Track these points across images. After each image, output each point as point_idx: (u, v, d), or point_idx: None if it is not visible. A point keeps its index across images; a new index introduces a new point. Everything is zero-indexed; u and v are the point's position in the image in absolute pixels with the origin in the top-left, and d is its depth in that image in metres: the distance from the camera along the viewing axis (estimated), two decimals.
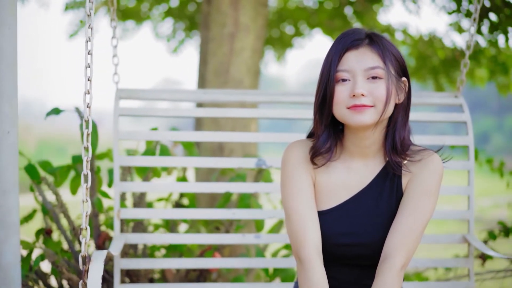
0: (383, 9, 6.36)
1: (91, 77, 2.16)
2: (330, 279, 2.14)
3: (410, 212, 2.07)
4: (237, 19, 4.17)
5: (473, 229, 2.91)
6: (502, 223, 3.91)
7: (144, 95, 2.90)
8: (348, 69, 2.05)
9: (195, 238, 2.87)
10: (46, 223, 3.10)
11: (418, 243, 2.08)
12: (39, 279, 2.88)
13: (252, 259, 2.89)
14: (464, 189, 2.93)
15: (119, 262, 2.73)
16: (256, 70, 4.29)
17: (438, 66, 6.21)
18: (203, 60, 4.38)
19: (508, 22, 4.64)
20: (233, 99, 2.92)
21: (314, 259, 2.03)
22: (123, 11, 6.74)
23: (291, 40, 7.08)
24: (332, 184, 2.16)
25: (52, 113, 2.91)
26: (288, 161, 2.16)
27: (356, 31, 2.10)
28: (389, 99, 2.04)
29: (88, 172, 2.14)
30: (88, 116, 2.16)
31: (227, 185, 2.86)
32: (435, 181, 2.11)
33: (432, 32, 6.18)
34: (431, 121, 2.97)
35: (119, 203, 2.75)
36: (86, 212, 2.12)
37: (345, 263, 2.16)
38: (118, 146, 2.75)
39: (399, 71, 2.11)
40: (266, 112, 2.94)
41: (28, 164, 2.99)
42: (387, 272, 1.99)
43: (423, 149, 2.15)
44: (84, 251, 2.10)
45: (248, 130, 4.24)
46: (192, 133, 2.93)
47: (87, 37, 2.16)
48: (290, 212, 2.11)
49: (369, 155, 2.15)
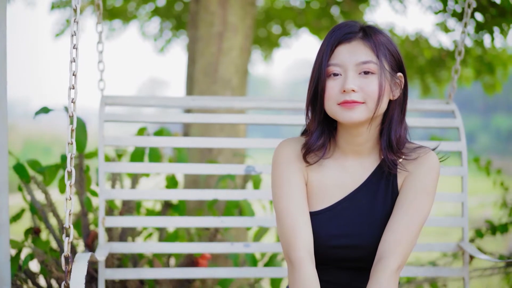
0: (370, 9, 6.37)
1: (76, 71, 2.12)
2: (325, 283, 2.08)
3: (406, 211, 1.99)
4: (225, 18, 4.16)
5: (467, 237, 2.83)
6: (489, 221, 3.93)
7: (130, 101, 2.86)
8: (340, 63, 1.97)
9: (182, 247, 2.80)
10: (34, 222, 3.09)
11: (415, 244, 2.01)
12: (28, 278, 2.87)
13: (242, 269, 2.83)
14: (457, 196, 2.87)
15: (103, 272, 2.67)
16: (244, 69, 4.29)
17: (424, 66, 6.23)
18: (191, 60, 4.37)
19: (494, 22, 4.67)
20: (221, 105, 2.88)
21: (305, 261, 1.95)
22: (109, 10, 6.71)
23: (278, 40, 7.08)
24: (325, 184, 2.08)
25: (41, 112, 2.90)
26: (279, 159, 2.08)
27: (350, 23, 2.02)
28: (381, 96, 1.96)
29: (72, 169, 2.09)
30: (72, 111, 2.10)
31: (215, 192, 2.80)
32: (431, 180, 2.04)
33: (419, 32, 6.20)
34: (423, 127, 2.94)
35: (103, 211, 2.69)
36: (70, 210, 2.07)
37: (340, 266, 2.08)
38: (103, 152, 2.70)
39: (394, 66, 2.02)
40: (254, 117, 2.89)
41: (17, 164, 2.98)
42: (382, 274, 1.91)
43: (419, 147, 2.08)
44: (66, 251, 2.04)
45: (237, 132, 4.23)
46: (180, 139, 2.86)
47: (73, 31, 2.11)
48: (280, 213, 2.03)
49: (363, 153, 2.07)
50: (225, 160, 4.08)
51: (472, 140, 24.88)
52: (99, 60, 2.93)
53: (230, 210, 3.09)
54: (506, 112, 27.58)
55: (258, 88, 40.38)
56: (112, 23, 7.00)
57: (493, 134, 27.17)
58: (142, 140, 2.81)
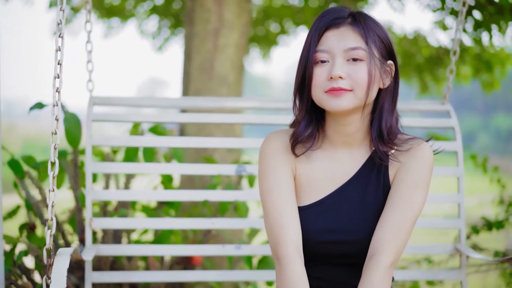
0: (368, 7, 6.37)
1: (61, 60, 2.08)
2: (317, 280, 2.02)
3: (399, 205, 1.91)
4: (221, 15, 4.16)
5: (464, 239, 2.79)
6: (485, 218, 3.92)
7: (118, 102, 2.83)
8: (327, 50, 1.89)
9: (171, 250, 2.77)
10: (30, 218, 3.08)
11: (408, 239, 1.92)
12: (23, 274, 2.86)
13: (234, 272, 2.79)
14: (454, 197, 2.82)
15: (90, 275, 2.63)
16: (240, 66, 4.29)
17: (422, 64, 6.22)
18: (187, 57, 4.37)
19: (492, 19, 4.66)
20: (214, 105, 2.85)
21: (293, 258, 1.87)
22: (107, 8, 6.72)
23: (276, 38, 7.08)
24: (314, 177, 1.99)
25: (36, 108, 2.89)
26: (266, 152, 1.99)
27: (339, 9, 1.93)
28: (371, 84, 1.87)
29: (55, 160, 2.03)
30: (57, 100, 2.06)
31: (206, 193, 2.76)
32: (425, 172, 1.96)
33: (417, 30, 6.20)
34: (419, 126, 2.91)
35: (91, 212, 2.66)
36: (52, 202, 2.01)
37: (332, 262, 2.01)
38: (90, 151, 2.67)
39: (385, 53, 1.94)
40: (248, 117, 2.87)
41: (12, 159, 2.97)
42: (375, 270, 1.83)
43: (412, 138, 1.99)
44: (48, 244, 1.98)
45: (233, 130, 4.22)
46: (173, 138, 2.81)
47: (58, 19, 2.07)
48: (268, 207, 1.95)
49: (354, 144, 1.99)
50: (221, 157, 4.07)
51: (472, 140, 24.88)
52: (88, 60, 2.89)
53: (225, 206, 3.07)
54: (506, 112, 27.58)
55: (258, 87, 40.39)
56: (110, 21, 6.99)
57: (492, 133, 27.17)
58: (132, 140, 2.77)
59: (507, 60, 5.56)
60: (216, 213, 3.22)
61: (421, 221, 2.79)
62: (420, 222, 2.78)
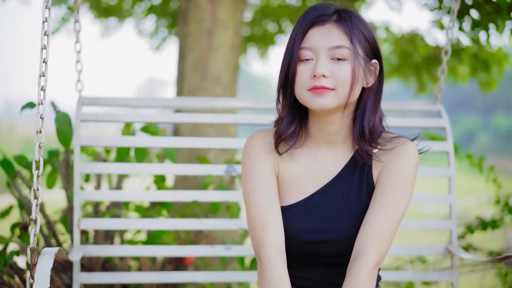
0: (365, 6, 6.37)
1: (46, 58, 2.06)
2: (301, 280, 2.01)
3: (383, 205, 1.88)
4: (215, 14, 4.16)
5: (455, 239, 2.78)
6: (479, 217, 3.92)
7: (107, 102, 2.81)
8: (311, 47, 1.87)
9: (161, 250, 2.75)
10: (22, 218, 3.07)
11: (393, 239, 1.89)
12: (15, 274, 2.85)
13: (224, 273, 2.77)
14: (445, 198, 2.80)
15: (78, 276, 2.62)
16: (235, 65, 4.28)
17: (420, 63, 6.22)
18: (181, 56, 4.37)
19: (489, 19, 4.65)
20: (204, 105, 2.84)
21: (275, 258, 1.85)
22: (105, 8, 6.71)
23: (273, 38, 7.07)
24: (297, 176, 1.98)
25: (27, 107, 2.88)
26: (249, 151, 1.98)
27: (324, 5, 1.91)
28: (354, 83, 1.85)
29: (40, 158, 2.02)
30: (42, 99, 2.05)
31: (195, 194, 2.75)
32: (409, 172, 1.92)
33: (414, 29, 6.20)
34: (410, 127, 2.89)
35: (79, 213, 2.64)
36: (37, 201, 2.00)
37: (316, 263, 1.99)
38: (79, 152, 2.66)
39: (369, 52, 1.92)
40: (241, 117, 2.85)
41: (3, 159, 2.95)
42: (359, 271, 1.81)
43: (396, 136, 1.97)
44: (32, 243, 1.97)
45: (227, 130, 4.22)
46: (166, 138, 2.80)
47: (44, 17, 2.06)
48: (250, 207, 1.93)
49: (337, 143, 1.97)
50: (214, 156, 4.06)
51: (472, 140, 24.88)
52: (76, 60, 2.87)
53: (217, 207, 3.06)
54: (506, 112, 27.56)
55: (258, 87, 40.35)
56: (108, 21, 6.99)
57: (492, 133, 27.14)
58: (121, 140, 2.76)
59: (504, 60, 5.55)
60: (208, 213, 3.21)
61: (413, 222, 2.79)
62: (411, 223, 2.79)
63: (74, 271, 2.59)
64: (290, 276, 1.99)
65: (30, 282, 1.95)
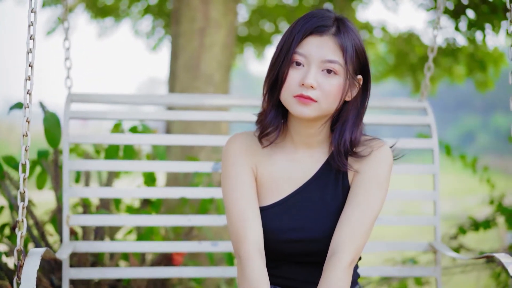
0: (362, 6, 6.37)
1: (32, 62, 2.07)
2: (282, 279, 2.07)
3: (358, 205, 1.95)
4: (207, 14, 4.15)
5: (439, 236, 2.79)
6: (471, 218, 3.93)
7: (96, 99, 2.81)
8: (306, 54, 1.91)
9: (149, 246, 2.75)
10: (13, 218, 3.06)
11: (368, 238, 1.96)
12: (5, 275, 2.84)
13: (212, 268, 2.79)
14: (429, 195, 2.84)
15: (67, 272, 2.62)
16: (227, 65, 4.28)
17: (416, 63, 6.23)
18: (173, 56, 4.37)
19: (486, 19, 4.65)
20: (193, 102, 2.84)
21: (254, 256, 1.91)
22: (101, 8, 6.71)
23: (270, 38, 7.08)
24: (275, 177, 2.04)
25: (16, 108, 2.88)
26: (229, 153, 2.05)
27: (325, 15, 1.93)
28: (338, 98, 1.92)
29: (26, 162, 2.03)
30: (28, 103, 2.05)
31: (182, 190, 2.76)
32: (383, 172, 1.99)
33: (411, 29, 6.20)
34: (395, 124, 2.90)
35: (68, 209, 2.65)
36: (23, 204, 2.01)
37: (296, 261, 2.05)
38: (68, 149, 2.66)
39: (357, 68, 1.96)
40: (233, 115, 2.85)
41: None
42: (334, 269, 1.87)
43: (371, 139, 2.03)
44: (19, 245, 1.98)
45: (218, 129, 4.22)
46: (156, 136, 2.81)
47: (30, 21, 2.06)
48: (229, 207, 1.99)
49: (314, 145, 2.03)
50: (206, 157, 4.05)
51: (471, 140, 24.87)
52: (65, 57, 2.87)
53: (205, 206, 3.06)
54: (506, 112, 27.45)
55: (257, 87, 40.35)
56: (105, 21, 6.98)
57: (492, 133, 27.12)
58: (111, 137, 2.76)
59: (500, 60, 5.56)
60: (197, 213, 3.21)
61: (396, 219, 2.85)
62: (396, 220, 2.85)
63: (63, 267, 2.60)
64: (270, 275, 2.04)
65: (17, 283, 1.96)
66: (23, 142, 2.03)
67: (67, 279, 2.61)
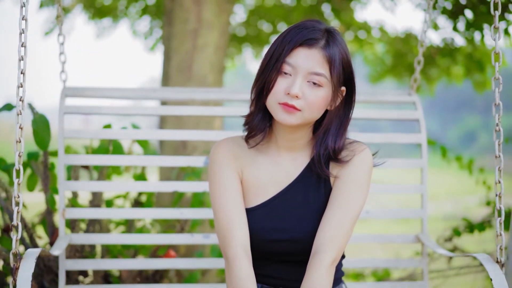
0: (360, 6, 6.36)
1: (24, 69, 2.09)
2: (268, 278, 2.15)
3: (339, 206, 2.04)
4: (200, 15, 4.15)
5: (426, 229, 2.85)
6: (466, 219, 3.93)
7: (91, 93, 2.82)
8: (294, 65, 1.98)
9: (143, 239, 2.79)
10: (4, 220, 3.05)
11: (349, 238, 2.06)
12: None
13: (206, 259, 2.82)
14: (417, 188, 2.88)
15: (64, 263, 2.66)
16: (220, 66, 4.28)
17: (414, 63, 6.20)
18: (166, 57, 4.37)
19: (483, 19, 4.64)
20: (182, 97, 2.86)
21: (241, 257, 2.00)
22: (99, 8, 6.71)
23: (268, 38, 7.07)
24: (260, 180, 2.13)
25: (4, 109, 2.88)
26: (215, 159, 2.13)
27: (316, 27, 2.01)
28: (321, 108, 2.01)
29: (20, 167, 2.08)
30: (20, 109, 2.08)
31: (174, 184, 2.80)
32: (364, 174, 2.08)
33: (408, 29, 6.19)
34: (383, 118, 2.92)
35: (63, 203, 2.67)
36: (18, 208, 2.05)
37: (280, 260, 2.14)
38: (63, 144, 2.68)
39: (342, 80, 2.04)
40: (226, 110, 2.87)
41: None
42: (317, 268, 1.95)
43: (352, 142, 2.13)
44: (14, 248, 2.03)
45: (212, 126, 4.22)
46: (149, 131, 2.85)
47: (21, 29, 2.08)
48: (217, 210, 2.08)
49: (297, 149, 2.12)
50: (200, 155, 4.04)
51: (473, 140, 24.85)
52: (60, 51, 2.90)
53: (198, 201, 3.09)
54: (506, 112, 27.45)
55: None
56: (102, 22, 6.98)
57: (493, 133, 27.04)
58: (104, 132, 2.78)
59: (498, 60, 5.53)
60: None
61: (383, 212, 2.91)
62: (383, 213, 2.92)
63: (60, 259, 2.65)
64: (257, 274, 2.12)
65: (13, 285, 2.01)
66: (16, 148, 2.08)
67: (63, 270, 2.66)
